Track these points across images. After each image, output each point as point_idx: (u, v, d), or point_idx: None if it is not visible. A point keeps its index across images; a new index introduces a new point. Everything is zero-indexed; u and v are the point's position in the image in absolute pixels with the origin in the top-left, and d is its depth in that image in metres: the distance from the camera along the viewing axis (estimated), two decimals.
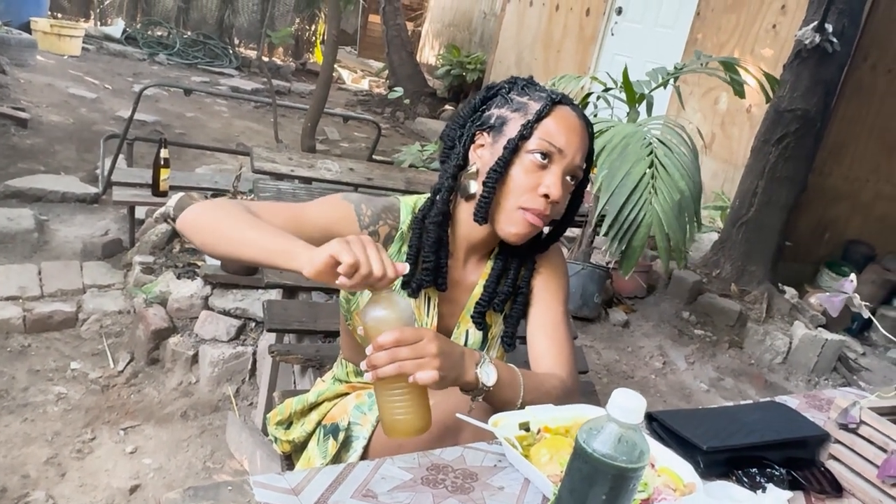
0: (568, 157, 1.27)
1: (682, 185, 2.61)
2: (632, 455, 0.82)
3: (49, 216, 4.01)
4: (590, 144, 1.33)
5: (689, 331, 4.04)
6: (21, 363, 2.65)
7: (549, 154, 1.26)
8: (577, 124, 1.30)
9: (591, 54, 6.87)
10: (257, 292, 2.83)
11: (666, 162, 2.67)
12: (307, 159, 2.48)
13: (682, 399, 3.47)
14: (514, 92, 1.33)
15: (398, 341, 1.03)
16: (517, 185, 1.27)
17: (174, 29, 9.95)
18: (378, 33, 11.23)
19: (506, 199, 1.28)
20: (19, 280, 3.01)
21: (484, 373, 1.19)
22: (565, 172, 1.28)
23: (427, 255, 1.33)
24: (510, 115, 1.30)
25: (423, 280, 1.34)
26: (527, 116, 1.28)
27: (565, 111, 1.30)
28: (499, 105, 1.33)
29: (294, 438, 1.56)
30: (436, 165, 3.83)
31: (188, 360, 2.70)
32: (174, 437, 2.44)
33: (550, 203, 1.27)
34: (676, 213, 2.55)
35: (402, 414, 1.05)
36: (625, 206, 2.52)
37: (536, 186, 1.27)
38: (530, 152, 1.26)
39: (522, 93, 1.32)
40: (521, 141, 1.27)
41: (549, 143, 1.26)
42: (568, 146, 1.27)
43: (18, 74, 6.47)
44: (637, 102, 3.62)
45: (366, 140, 7.48)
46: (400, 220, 1.37)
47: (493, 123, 1.32)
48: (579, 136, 1.29)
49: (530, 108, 1.29)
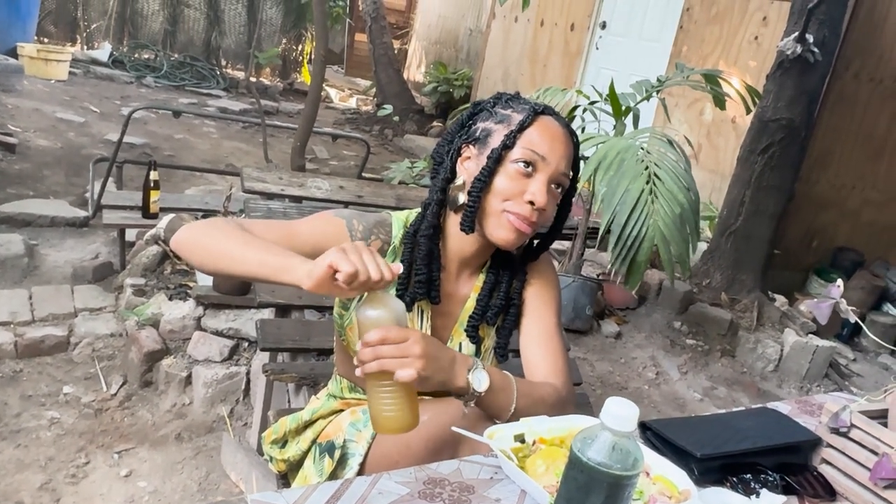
0: (552, 165, 1.30)
1: (682, 198, 2.64)
2: (626, 462, 0.83)
3: (39, 241, 4.00)
4: (575, 154, 1.36)
5: (681, 341, 4.05)
6: (13, 389, 2.64)
7: (533, 162, 1.29)
8: (560, 133, 1.33)
9: (577, 68, 6.93)
10: (249, 312, 2.83)
11: (663, 176, 2.70)
12: (297, 178, 2.49)
13: (676, 409, 3.48)
14: (499, 105, 1.37)
15: (384, 339, 1.06)
16: (502, 192, 1.30)
17: (161, 51, 9.97)
18: (365, 52, 11.28)
19: (491, 206, 1.31)
20: (10, 305, 3.00)
21: (476, 378, 1.21)
22: (550, 180, 1.30)
23: (419, 268, 1.35)
24: (494, 126, 1.34)
25: (416, 293, 1.36)
26: (510, 127, 1.32)
27: (548, 121, 1.33)
28: (484, 119, 1.36)
29: (289, 457, 1.57)
30: (426, 182, 3.85)
31: (182, 382, 2.70)
32: (169, 459, 2.44)
33: (536, 210, 1.29)
34: (679, 225, 2.58)
35: (389, 411, 1.07)
36: (627, 222, 2.54)
37: (522, 193, 1.29)
38: (514, 161, 1.30)
39: (506, 105, 1.36)
40: (504, 150, 1.30)
41: (532, 152, 1.29)
42: (551, 154, 1.30)
43: (5, 100, 6.47)
44: (623, 115, 3.66)
45: (355, 158, 7.50)
46: (392, 234, 1.39)
47: (478, 136, 1.35)
48: (563, 144, 1.32)
49: (513, 119, 1.33)
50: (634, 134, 3.34)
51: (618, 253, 2.54)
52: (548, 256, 1.51)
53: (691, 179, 2.91)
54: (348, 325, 1.41)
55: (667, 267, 2.65)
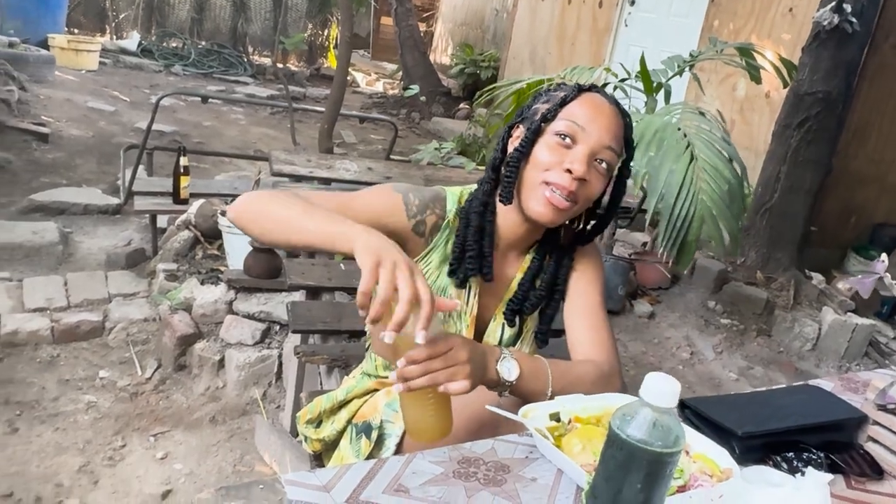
0: (593, 137, 1.27)
1: (727, 173, 2.58)
2: (667, 440, 0.80)
3: (73, 228, 4.05)
4: (625, 132, 1.33)
5: (715, 320, 3.99)
6: (50, 373, 2.68)
7: (573, 133, 1.28)
8: (604, 106, 1.32)
9: (606, 46, 6.83)
10: (280, 295, 2.83)
11: (704, 151, 2.64)
12: (326, 160, 2.48)
13: (712, 389, 3.43)
14: (553, 90, 1.37)
15: (431, 355, 1.05)
16: (541, 162, 1.29)
17: (188, 40, 10.02)
18: (390, 35, 11.23)
19: (531, 177, 1.30)
20: (46, 291, 3.04)
21: (504, 368, 1.19)
22: (592, 152, 1.28)
23: (470, 244, 1.35)
24: (540, 105, 1.35)
25: (468, 269, 1.35)
26: (552, 102, 1.31)
27: (592, 96, 1.33)
28: (537, 101, 1.37)
29: (325, 437, 1.56)
30: (454, 162, 3.82)
31: (215, 365, 2.71)
32: (203, 442, 2.45)
33: (576, 180, 1.26)
34: (727, 202, 2.53)
35: (430, 418, 1.07)
36: (675, 204, 2.49)
37: (561, 163, 1.28)
38: (554, 133, 1.29)
39: (557, 88, 1.37)
40: (543, 122, 1.30)
41: (572, 123, 1.28)
42: (591, 124, 1.28)
43: (38, 90, 6.54)
44: (655, 91, 3.59)
45: (382, 142, 7.49)
46: (446, 209, 1.39)
47: (526, 116, 1.36)
48: (606, 116, 1.30)
49: (558, 97, 1.33)
50: (667, 109, 3.27)
51: (668, 235, 2.49)
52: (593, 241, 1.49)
53: (733, 150, 2.85)
54: None
55: (717, 245, 2.60)
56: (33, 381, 2.62)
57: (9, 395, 2.52)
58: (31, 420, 2.43)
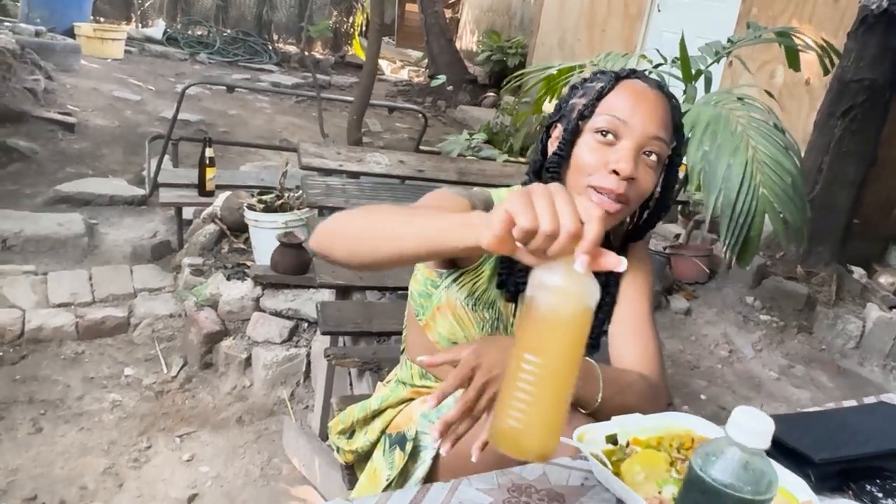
0: (637, 129, 1.15)
1: (788, 165, 2.45)
2: (759, 485, 0.71)
3: (98, 220, 4.01)
4: (674, 117, 1.21)
5: (754, 317, 3.86)
6: (75, 371, 2.63)
7: (614, 129, 1.15)
8: (647, 93, 1.18)
9: (638, 32, 6.66)
10: (308, 292, 2.76)
11: (760, 141, 2.51)
12: (355, 153, 2.38)
13: (752, 389, 3.31)
14: (588, 80, 1.24)
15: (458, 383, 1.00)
16: (584, 165, 1.17)
17: (214, 27, 9.99)
18: (416, 22, 11.12)
19: (575, 183, 1.18)
20: (71, 286, 2.99)
21: None
22: (638, 146, 1.15)
23: None
24: (578, 101, 1.23)
25: (518, 281, 1.25)
26: (589, 96, 1.20)
27: (632, 82, 1.20)
28: (573, 96, 1.25)
29: (357, 448, 1.50)
30: (484, 153, 3.72)
31: (241, 364, 2.64)
32: (230, 443, 2.39)
33: (624, 180, 1.15)
34: (791, 194, 2.40)
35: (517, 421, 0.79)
36: (736, 200, 2.38)
37: (605, 164, 1.15)
38: (593, 131, 1.17)
39: (594, 78, 1.24)
40: (580, 121, 1.18)
41: (612, 118, 1.16)
42: (634, 116, 1.15)
43: (64, 80, 6.53)
44: (694, 79, 3.45)
45: (408, 130, 7.40)
46: None
47: (563, 113, 1.24)
48: (650, 104, 1.17)
49: (595, 89, 1.21)
50: (709, 98, 3.13)
51: (730, 232, 2.38)
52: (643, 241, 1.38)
53: (788, 137, 2.72)
54: (436, 305, 1.30)
55: (781, 240, 2.48)
56: (58, 378, 2.57)
57: (33, 393, 2.47)
58: (56, 419, 2.38)
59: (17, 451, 2.22)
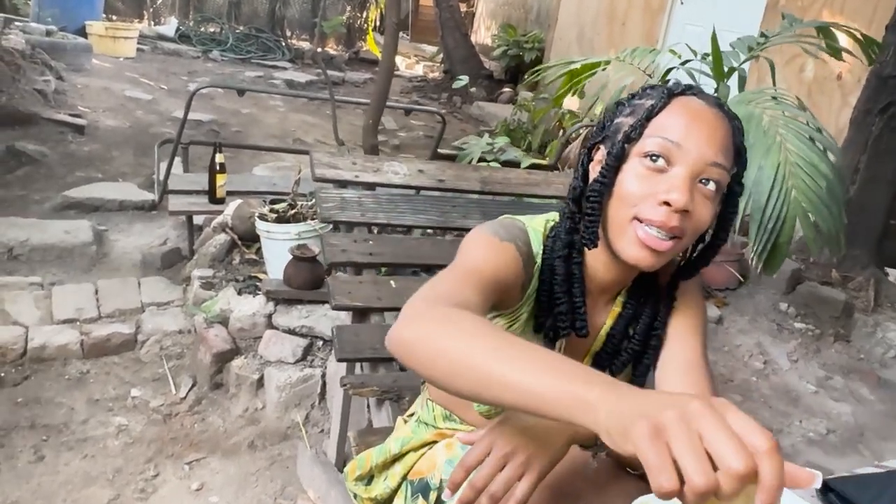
0: (692, 154, 0.98)
1: (825, 169, 2.29)
2: None
3: (107, 226, 3.90)
4: (734, 139, 1.04)
5: (788, 325, 3.69)
6: (80, 392, 2.51)
7: (666, 153, 0.99)
8: (704, 112, 1.02)
9: (660, 25, 6.47)
10: (323, 307, 2.62)
11: (794, 143, 2.36)
12: (372, 162, 2.24)
13: (789, 403, 3.15)
14: (637, 96, 1.07)
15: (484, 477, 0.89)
16: (629, 195, 1.01)
17: (226, 24, 9.88)
18: (430, 17, 10.96)
19: (619, 214, 1.03)
20: (76, 301, 2.87)
21: None
22: (693, 174, 0.98)
23: (558, 295, 1.10)
24: (624, 120, 1.06)
25: (558, 327, 1.11)
26: (637, 115, 1.03)
27: (686, 100, 1.03)
28: (619, 114, 1.08)
29: (377, 496, 1.39)
30: (507, 157, 3.56)
31: (253, 385, 2.51)
32: (242, 470, 2.26)
33: (676, 213, 0.99)
34: (826, 199, 2.24)
35: None
36: (766, 204, 2.22)
37: (655, 195, 0.99)
38: (642, 155, 1.01)
39: (643, 94, 1.07)
40: (627, 143, 1.02)
41: (663, 140, 0.99)
42: (689, 138, 0.98)
43: (75, 80, 6.43)
44: (727, 76, 3.27)
45: (423, 128, 7.25)
46: (532, 252, 1.12)
47: (608, 134, 1.08)
48: (708, 124, 1.01)
49: (644, 107, 1.04)
50: (744, 97, 2.96)
51: (758, 237, 2.22)
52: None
53: (827, 139, 2.56)
54: None
55: (813, 247, 2.32)
56: (61, 401, 2.45)
57: (35, 417, 2.35)
58: (59, 446, 2.26)
59: (17, 481, 2.10)
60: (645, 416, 0.60)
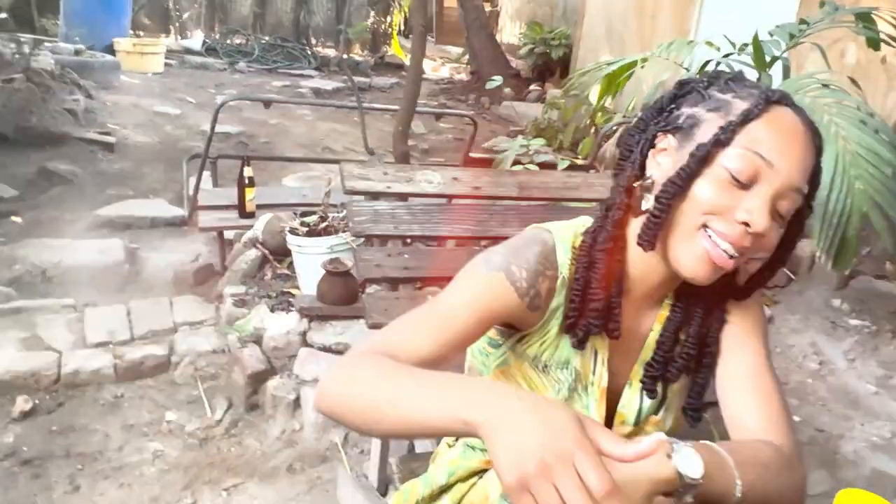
0: (781, 176, 0.89)
1: (888, 155, 2.16)
2: None
3: (139, 243, 3.88)
4: (815, 161, 0.94)
5: (843, 322, 3.53)
6: (114, 417, 2.45)
7: (756, 169, 0.89)
8: (797, 130, 0.92)
9: (691, 18, 6.30)
10: (359, 323, 2.53)
11: (856, 135, 2.23)
12: (404, 172, 2.15)
13: (849, 406, 3.00)
14: (716, 87, 0.96)
15: None
16: (703, 205, 0.91)
17: (252, 35, 9.90)
18: (454, 18, 10.89)
19: (686, 219, 0.93)
20: (109, 323, 2.83)
21: (684, 461, 0.81)
22: (776, 195, 0.90)
23: (595, 291, 1.00)
24: (706, 114, 0.94)
25: (590, 325, 1.01)
26: (728, 117, 0.92)
27: (783, 113, 0.92)
28: (692, 103, 0.97)
29: None
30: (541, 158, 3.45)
31: (290, 405, 2.44)
32: (281, 496, 2.18)
33: (751, 235, 0.89)
34: (893, 186, 2.12)
35: None
36: (828, 198, 2.10)
37: (732, 210, 0.90)
38: (728, 165, 0.90)
39: (726, 88, 0.95)
40: (715, 147, 0.91)
41: (755, 155, 0.89)
42: (782, 159, 0.89)
43: (104, 97, 6.45)
44: (769, 66, 3.13)
45: (452, 131, 7.17)
46: (558, 263, 1.02)
47: (680, 124, 0.96)
48: (800, 146, 0.91)
49: (734, 108, 0.92)
50: (788, 85, 2.82)
51: (824, 233, 2.11)
52: None
53: (882, 124, 2.42)
54: (498, 367, 1.09)
55: (883, 238, 2.19)
56: (96, 427, 2.39)
57: (70, 445, 2.30)
58: (94, 475, 2.20)
59: None
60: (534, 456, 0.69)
